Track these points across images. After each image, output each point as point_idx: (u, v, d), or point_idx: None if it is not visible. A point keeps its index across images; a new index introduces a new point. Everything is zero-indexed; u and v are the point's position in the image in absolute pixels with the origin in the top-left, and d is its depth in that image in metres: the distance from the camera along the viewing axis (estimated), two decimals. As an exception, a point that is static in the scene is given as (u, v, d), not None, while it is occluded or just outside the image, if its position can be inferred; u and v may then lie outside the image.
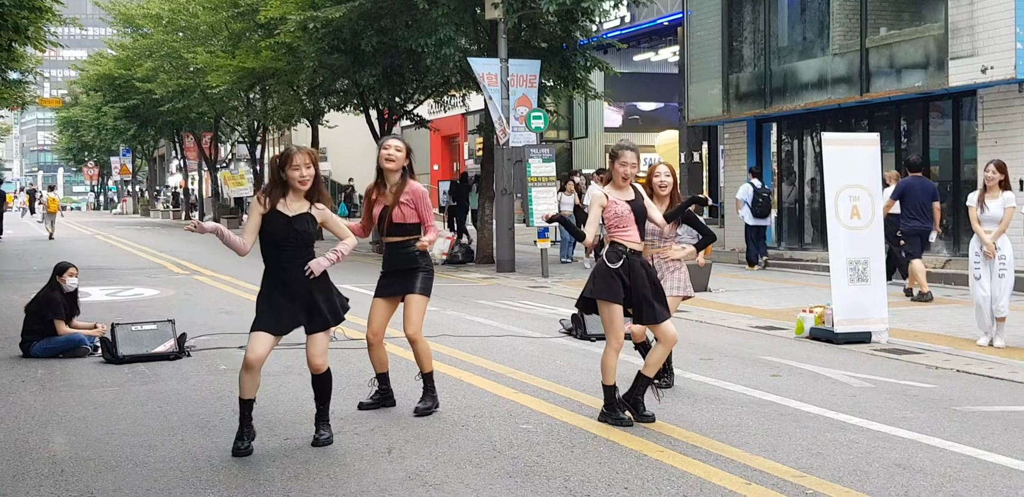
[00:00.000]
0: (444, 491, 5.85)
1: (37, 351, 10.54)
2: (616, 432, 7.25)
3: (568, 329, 11.92)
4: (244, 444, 6.67)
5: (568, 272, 20.42)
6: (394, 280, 7.91)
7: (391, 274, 7.93)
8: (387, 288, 7.92)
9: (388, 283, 7.93)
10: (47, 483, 6.07)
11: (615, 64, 27.30)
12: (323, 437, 6.95)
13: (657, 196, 8.42)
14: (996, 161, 11.21)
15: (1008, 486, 5.96)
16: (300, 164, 6.60)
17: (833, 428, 7.40)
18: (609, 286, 7.41)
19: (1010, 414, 7.90)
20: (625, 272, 7.43)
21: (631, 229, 7.50)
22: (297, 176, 6.60)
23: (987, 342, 10.92)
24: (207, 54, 32.95)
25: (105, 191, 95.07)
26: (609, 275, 7.41)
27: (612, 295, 7.39)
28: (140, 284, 18.32)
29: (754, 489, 5.88)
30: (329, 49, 24.22)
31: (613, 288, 7.40)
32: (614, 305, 7.42)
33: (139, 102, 48.71)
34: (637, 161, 7.55)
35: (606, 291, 7.41)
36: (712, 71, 24.37)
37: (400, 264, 7.88)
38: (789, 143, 24.12)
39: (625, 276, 7.42)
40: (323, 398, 7.05)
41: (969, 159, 18.90)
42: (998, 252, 10.92)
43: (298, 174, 6.60)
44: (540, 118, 20.75)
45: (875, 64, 19.95)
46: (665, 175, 8.47)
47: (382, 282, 7.97)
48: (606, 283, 7.42)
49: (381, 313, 7.92)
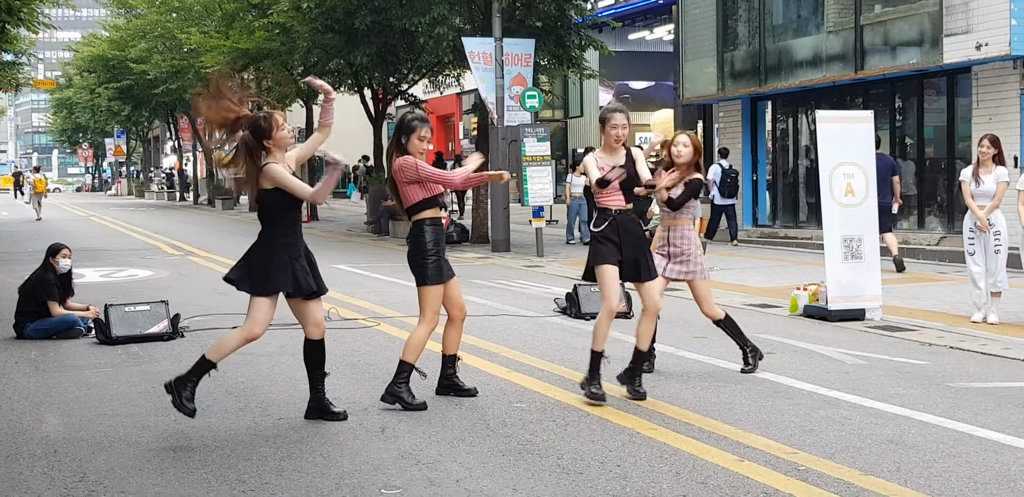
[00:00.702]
0: (437, 470, 5.86)
1: (31, 332, 10.54)
2: (609, 410, 7.26)
3: (562, 308, 11.92)
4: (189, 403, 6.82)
5: (563, 252, 20.41)
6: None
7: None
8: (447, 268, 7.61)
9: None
10: (40, 463, 6.07)
11: (610, 43, 27.20)
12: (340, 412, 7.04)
13: (677, 166, 8.39)
14: (990, 135, 11.20)
15: (1000, 461, 5.97)
16: (284, 123, 6.78)
17: (826, 405, 7.41)
18: (598, 251, 7.58)
19: (1003, 390, 7.91)
20: (614, 233, 7.54)
21: (616, 193, 7.58)
22: (287, 134, 6.74)
23: (981, 318, 10.93)
24: (201, 35, 32.77)
25: (99, 172, 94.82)
26: (597, 241, 7.57)
27: (601, 258, 7.54)
28: (134, 265, 18.30)
29: (747, 466, 5.89)
30: (323, 29, 24.13)
31: (602, 251, 7.56)
32: (605, 266, 7.52)
33: (133, 83, 48.51)
34: (627, 122, 7.64)
35: (596, 256, 7.59)
36: (707, 49, 24.31)
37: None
38: (784, 121, 24.08)
39: (615, 236, 7.53)
40: (317, 366, 7.10)
41: (964, 136, 18.88)
42: (992, 227, 10.91)
43: (285, 132, 6.74)
44: (535, 97, 20.70)
45: (869, 41, 19.90)
46: (683, 145, 8.40)
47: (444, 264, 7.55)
48: (595, 249, 7.60)
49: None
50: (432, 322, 7.40)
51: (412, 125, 7.38)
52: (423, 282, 7.36)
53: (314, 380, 7.07)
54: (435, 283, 7.35)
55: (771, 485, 5.53)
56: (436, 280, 7.35)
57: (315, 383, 7.06)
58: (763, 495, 5.38)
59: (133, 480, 5.72)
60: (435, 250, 7.35)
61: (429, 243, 7.35)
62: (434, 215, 7.43)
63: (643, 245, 7.69)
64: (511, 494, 5.41)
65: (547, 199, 20.33)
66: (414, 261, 7.40)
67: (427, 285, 7.35)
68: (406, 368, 7.37)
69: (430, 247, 7.35)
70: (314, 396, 7.10)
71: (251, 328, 6.82)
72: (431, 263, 7.33)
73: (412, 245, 7.41)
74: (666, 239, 8.47)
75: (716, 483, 5.58)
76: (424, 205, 7.41)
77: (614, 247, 7.52)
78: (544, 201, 20.16)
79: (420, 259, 7.36)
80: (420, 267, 7.37)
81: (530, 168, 19.82)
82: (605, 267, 7.51)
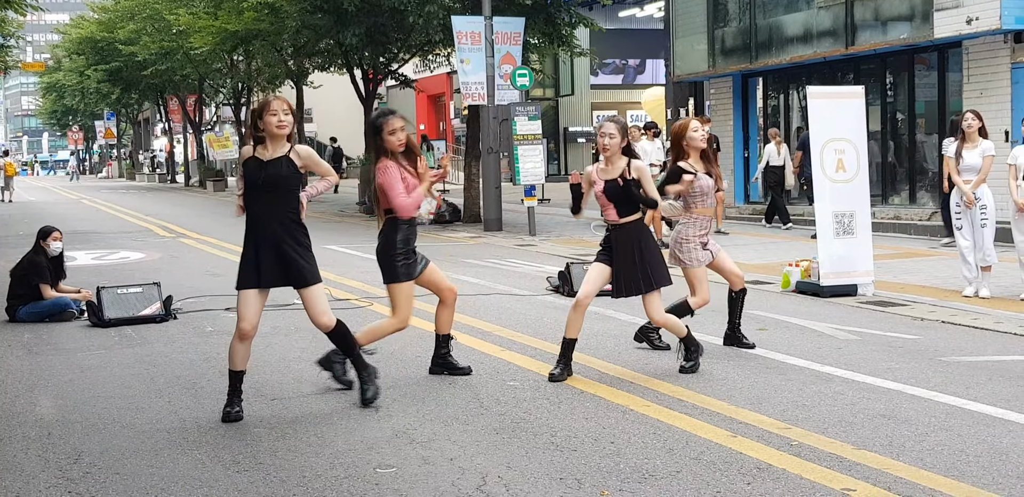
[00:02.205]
0: (431, 448, 5.87)
1: (23, 315, 10.53)
2: (603, 387, 7.28)
3: (555, 286, 11.93)
4: (235, 409, 6.66)
5: (556, 230, 20.41)
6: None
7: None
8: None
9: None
10: (35, 446, 6.08)
11: (600, 20, 27.13)
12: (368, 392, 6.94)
13: (692, 155, 8.38)
14: (973, 110, 11.25)
15: (992, 434, 6.00)
16: (278, 110, 6.63)
17: (819, 380, 7.43)
18: (600, 252, 7.77)
19: (994, 364, 7.94)
20: (609, 245, 7.68)
21: (609, 208, 7.66)
22: (275, 121, 6.60)
23: (972, 293, 10.96)
24: (189, 15, 32.61)
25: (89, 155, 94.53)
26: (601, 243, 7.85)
27: (599, 258, 7.74)
28: (126, 247, 18.28)
29: (740, 441, 5.91)
30: (311, 9, 24.01)
31: (601, 254, 7.74)
32: (596, 263, 7.71)
33: (122, 65, 48.31)
34: (618, 133, 7.56)
35: (598, 255, 7.79)
36: (697, 26, 24.24)
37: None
38: (775, 98, 24.06)
39: (609, 249, 7.68)
40: (346, 351, 7.04)
41: (955, 111, 18.84)
42: (979, 201, 10.92)
43: (276, 119, 6.60)
44: (525, 76, 20.66)
45: (860, 17, 19.85)
46: (692, 130, 8.34)
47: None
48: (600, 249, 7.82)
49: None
50: (403, 322, 7.36)
51: (378, 124, 7.30)
52: (392, 279, 7.30)
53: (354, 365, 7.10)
54: (404, 280, 7.30)
55: (764, 460, 5.55)
56: (405, 277, 7.30)
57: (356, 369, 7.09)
58: (756, 470, 5.40)
59: (127, 461, 5.73)
60: (404, 249, 7.29)
61: (399, 242, 7.27)
62: (400, 217, 7.31)
63: (638, 260, 7.62)
64: (505, 472, 5.42)
65: (539, 178, 20.31)
66: (382, 258, 7.33)
67: (396, 282, 7.29)
68: (348, 353, 7.22)
69: (399, 246, 7.27)
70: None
71: (239, 324, 6.71)
72: (399, 261, 7.27)
73: (381, 241, 7.34)
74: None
75: (709, 459, 5.60)
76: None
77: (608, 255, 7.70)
78: (536, 180, 20.14)
79: (388, 257, 7.29)
80: (388, 265, 7.30)
81: (521, 147, 19.78)
82: (595, 263, 7.75)
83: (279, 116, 6.63)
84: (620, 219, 7.63)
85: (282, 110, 6.66)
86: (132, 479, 5.43)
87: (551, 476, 5.34)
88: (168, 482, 5.36)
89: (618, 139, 7.57)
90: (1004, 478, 5.24)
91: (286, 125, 6.64)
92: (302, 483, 5.30)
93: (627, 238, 7.62)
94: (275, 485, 5.28)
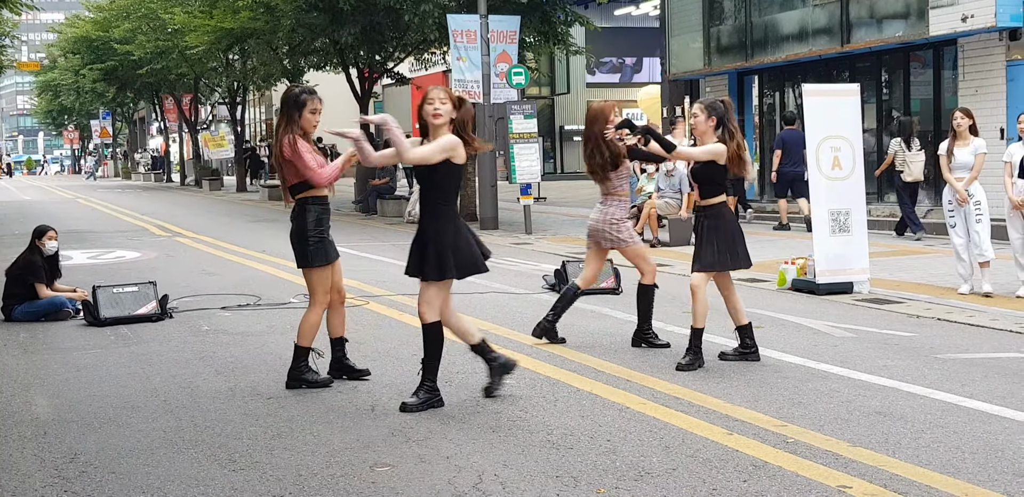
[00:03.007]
0: (427, 446, 5.87)
1: (19, 315, 10.52)
2: (599, 385, 7.28)
3: (551, 285, 11.93)
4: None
5: (552, 229, 20.41)
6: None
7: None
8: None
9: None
10: (30, 445, 6.07)
11: (595, 19, 27.17)
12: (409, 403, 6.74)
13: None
14: (962, 108, 11.30)
15: (988, 431, 6.01)
16: (435, 99, 6.68)
17: (815, 378, 7.44)
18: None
19: (990, 361, 7.94)
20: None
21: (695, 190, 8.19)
22: (431, 110, 6.65)
23: (967, 290, 10.96)
24: (184, 14, 32.58)
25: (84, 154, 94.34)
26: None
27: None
28: (122, 247, 18.26)
29: (736, 439, 5.92)
30: (307, 7, 24.00)
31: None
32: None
33: (117, 64, 48.22)
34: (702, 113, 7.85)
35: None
36: (693, 24, 24.25)
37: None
38: (771, 96, 24.07)
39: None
40: (428, 355, 6.84)
41: (950, 109, 18.83)
42: (972, 198, 10.93)
43: (431, 108, 6.66)
44: (521, 74, 20.64)
45: (855, 14, 19.87)
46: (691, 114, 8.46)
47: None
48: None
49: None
50: (322, 304, 7.29)
51: (302, 100, 7.11)
52: (305, 264, 7.18)
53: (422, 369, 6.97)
54: (319, 265, 7.17)
55: (760, 457, 5.55)
56: (320, 261, 7.17)
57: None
58: (752, 467, 5.40)
59: (123, 461, 5.73)
60: (316, 231, 7.14)
61: (311, 223, 7.13)
62: (317, 194, 7.16)
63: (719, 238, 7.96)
64: (501, 470, 5.42)
65: (534, 176, 20.31)
66: (295, 242, 7.20)
67: (310, 267, 7.18)
68: (302, 352, 7.34)
69: (311, 227, 7.12)
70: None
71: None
72: (312, 244, 7.12)
73: (294, 225, 7.20)
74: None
75: (706, 456, 5.60)
76: (307, 184, 7.13)
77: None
78: (532, 178, 20.13)
79: (301, 240, 7.16)
80: (301, 248, 7.16)
81: (517, 145, 19.77)
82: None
83: (435, 104, 6.67)
84: (702, 201, 7.96)
85: (439, 99, 6.68)
86: (128, 478, 5.42)
87: (547, 474, 5.34)
88: (164, 481, 5.36)
89: (702, 117, 7.82)
90: (1000, 475, 5.25)
91: (441, 114, 6.62)
92: (298, 482, 5.30)
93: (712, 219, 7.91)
94: (271, 483, 5.28)
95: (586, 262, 8.94)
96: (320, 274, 7.22)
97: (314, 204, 7.18)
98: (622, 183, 8.54)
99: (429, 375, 6.78)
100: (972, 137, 11.04)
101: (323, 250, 7.18)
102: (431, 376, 6.78)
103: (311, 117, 7.14)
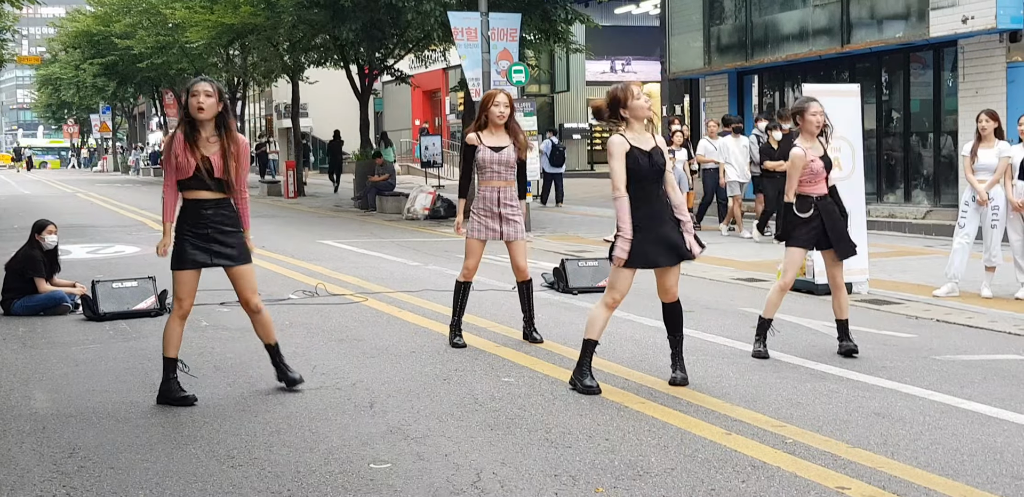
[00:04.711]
0: (425, 444, 5.87)
1: (18, 309, 10.51)
2: (597, 384, 7.27)
3: (550, 283, 11.93)
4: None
5: (551, 226, 20.41)
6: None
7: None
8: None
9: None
10: (29, 440, 6.07)
11: (596, 17, 27.14)
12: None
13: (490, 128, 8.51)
14: (988, 110, 11.14)
15: (986, 433, 6.01)
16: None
17: (813, 378, 7.44)
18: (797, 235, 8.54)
19: (989, 363, 7.95)
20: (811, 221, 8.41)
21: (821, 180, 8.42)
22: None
23: (945, 293, 10.95)
24: (185, 10, 32.57)
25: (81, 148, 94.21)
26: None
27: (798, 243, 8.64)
28: (121, 241, 18.26)
29: (734, 439, 5.92)
30: (308, 4, 23.99)
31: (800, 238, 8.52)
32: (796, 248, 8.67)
33: (118, 59, 48.23)
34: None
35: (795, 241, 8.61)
36: (693, 23, 24.25)
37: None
38: (771, 95, 24.06)
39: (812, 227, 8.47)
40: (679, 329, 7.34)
41: (950, 110, 18.90)
42: (991, 202, 10.89)
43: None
44: (521, 72, 20.64)
45: (856, 15, 19.87)
46: (493, 105, 8.34)
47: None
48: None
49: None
50: (177, 307, 6.84)
51: (188, 86, 6.66)
52: (172, 264, 6.83)
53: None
54: (173, 268, 6.79)
55: (758, 458, 5.56)
56: (182, 264, 6.75)
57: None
58: (750, 468, 5.40)
59: (122, 456, 5.73)
60: (192, 232, 6.71)
61: (185, 223, 6.73)
62: (195, 197, 6.69)
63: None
64: (499, 468, 5.42)
65: (534, 174, 20.31)
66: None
67: (172, 269, 6.82)
68: (170, 365, 6.89)
69: (186, 228, 6.73)
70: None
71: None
72: (183, 244, 6.73)
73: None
74: (497, 200, 8.56)
75: (704, 456, 5.60)
76: (185, 185, 6.68)
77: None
78: (530, 176, 20.13)
79: (177, 239, 6.78)
80: (174, 247, 6.82)
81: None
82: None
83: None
84: (828, 189, 8.33)
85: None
86: (127, 473, 5.42)
87: (545, 473, 5.35)
88: (162, 476, 5.36)
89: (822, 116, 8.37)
90: (998, 477, 5.25)
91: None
92: (296, 478, 5.30)
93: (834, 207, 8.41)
94: (269, 480, 5.28)
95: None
96: (175, 278, 6.81)
97: (192, 206, 6.73)
98: (482, 173, 8.56)
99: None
100: (997, 140, 10.99)
101: (189, 253, 6.73)
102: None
103: (194, 101, 6.53)
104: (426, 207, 22.47)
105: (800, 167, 8.22)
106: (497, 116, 8.23)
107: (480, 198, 8.54)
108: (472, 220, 8.58)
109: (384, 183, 26.10)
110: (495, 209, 8.50)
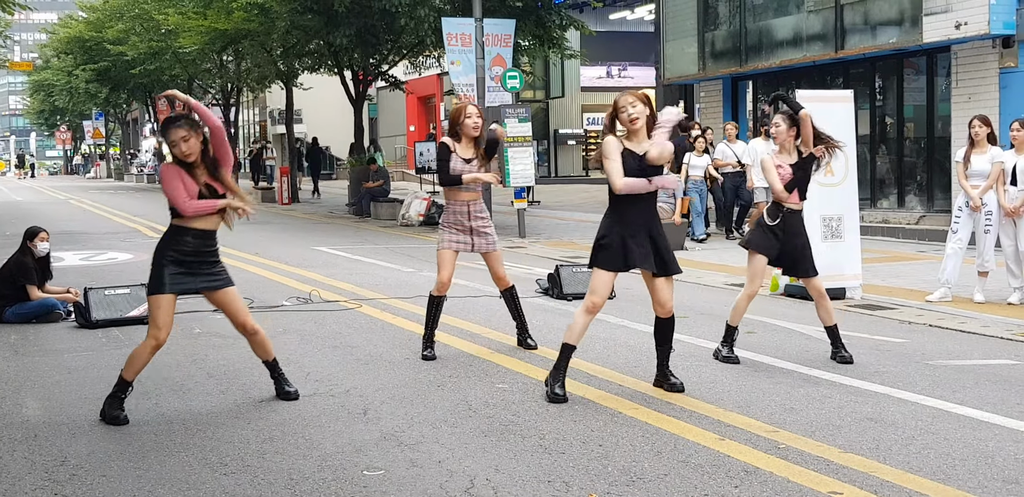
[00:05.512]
0: (419, 451, 5.86)
1: (10, 316, 10.49)
2: (591, 390, 7.28)
3: (544, 289, 11.93)
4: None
5: (545, 232, 20.42)
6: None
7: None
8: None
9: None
10: (20, 448, 6.05)
11: (591, 23, 27.19)
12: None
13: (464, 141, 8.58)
14: (980, 116, 11.16)
15: (978, 438, 6.02)
16: (626, 105, 6.98)
17: (806, 383, 7.45)
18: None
19: (981, 368, 7.96)
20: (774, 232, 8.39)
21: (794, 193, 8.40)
22: (626, 117, 6.96)
23: (937, 297, 10.97)
24: (178, 15, 32.58)
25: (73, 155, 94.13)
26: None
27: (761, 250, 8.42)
28: (114, 248, 18.23)
29: (727, 444, 5.92)
30: (302, 9, 24.00)
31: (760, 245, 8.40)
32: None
33: (110, 65, 48.27)
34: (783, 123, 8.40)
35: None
36: (688, 29, 24.28)
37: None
38: (765, 101, 24.08)
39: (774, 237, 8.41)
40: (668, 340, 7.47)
41: (943, 115, 18.93)
42: (985, 207, 10.90)
43: (625, 115, 6.96)
44: (515, 78, 20.65)
45: (850, 21, 19.91)
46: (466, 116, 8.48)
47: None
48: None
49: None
50: (153, 337, 6.64)
51: (164, 132, 6.61)
52: (148, 289, 6.69)
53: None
54: (152, 293, 6.64)
55: (751, 463, 5.56)
56: (153, 290, 6.63)
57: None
58: (744, 473, 5.40)
59: (114, 463, 5.71)
60: (175, 258, 6.64)
61: (170, 249, 6.68)
62: (185, 225, 6.70)
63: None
64: (493, 474, 5.42)
65: (528, 180, 20.31)
66: (152, 263, 6.75)
67: (149, 293, 6.66)
68: (124, 385, 6.73)
69: (169, 253, 6.66)
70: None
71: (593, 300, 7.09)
72: (163, 269, 6.61)
73: (157, 245, 6.80)
74: (468, 214, 8.52)
75: (697, 462, 5.60)
76: (177, 213, 6.72)
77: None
78: (526, 182, 20.14)
79: (154, 263, 6.70)
80: (152, 271, 6.69)
81: (511, 149, 19.78)
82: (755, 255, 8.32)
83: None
84: (799, 203, 8.37)
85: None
86: (119, 481, 5.41)
87: (539, 479, 5.34)
88: (155, 484, 5.35)
89: (783, 127, 8.32)
90: (990, 482, 5.26)
91: (638, 119, 6.93)
92: (289, 485, 5.29)
93: (800, 222, 8.40)
94: (262, 487, 5.27)
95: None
96: (154, 303, 6.63)
97: (184, 230, 6.72)
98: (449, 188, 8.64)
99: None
100: (990, 145, 10.99)
101: (172, 278, 6.62)
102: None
103: (174, 151, 6.55)
104: (421, 213, 22.46)
105: (772, 169, 8.33)
106: (472, 127, 8.28)
107: (451, 212, 8.53)
108: (443, 233, 8.59)
109: (379, 189, 26.09)
110: (466, 223, 8.49)
